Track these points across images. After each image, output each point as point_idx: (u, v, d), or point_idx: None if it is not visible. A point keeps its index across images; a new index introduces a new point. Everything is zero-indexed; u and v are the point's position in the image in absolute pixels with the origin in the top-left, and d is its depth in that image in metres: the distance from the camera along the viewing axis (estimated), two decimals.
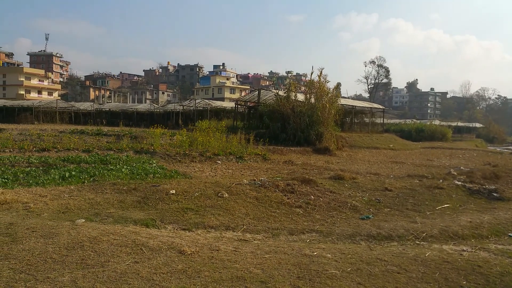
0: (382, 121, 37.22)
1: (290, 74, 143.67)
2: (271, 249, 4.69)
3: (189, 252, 4.26)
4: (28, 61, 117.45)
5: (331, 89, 23.16)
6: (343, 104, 26.19)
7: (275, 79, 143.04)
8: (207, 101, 44.34)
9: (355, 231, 5.98)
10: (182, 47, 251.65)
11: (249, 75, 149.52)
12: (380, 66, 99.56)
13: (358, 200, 7.86)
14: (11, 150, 13.36)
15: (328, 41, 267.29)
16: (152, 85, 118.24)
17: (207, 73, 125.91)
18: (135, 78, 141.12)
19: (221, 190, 7.39)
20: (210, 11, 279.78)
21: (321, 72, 21.97)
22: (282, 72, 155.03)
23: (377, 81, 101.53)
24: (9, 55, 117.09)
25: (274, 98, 23.73)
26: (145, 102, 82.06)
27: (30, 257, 3.82)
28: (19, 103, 46.09)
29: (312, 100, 21.33)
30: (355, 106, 32.60)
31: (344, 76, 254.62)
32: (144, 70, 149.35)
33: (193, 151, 14.21)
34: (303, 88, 29.51)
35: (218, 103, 44.44)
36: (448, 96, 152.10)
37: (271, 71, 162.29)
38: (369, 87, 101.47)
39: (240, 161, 13.50)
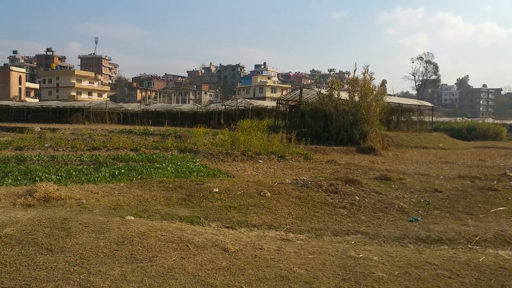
0: (430, 119, 35.63)
1: (333, 72, 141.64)
2: (315, 249, 4.64)
3: (232, 250, 4.31)
4: (79, 64, 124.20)
5: (376, 87, 22.52)
6: (388, 102, 25.36)
7: (317, 78, 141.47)
8: (248, 100, 44.67)
9: (403, 234, 5.77)
10: (224, 48, 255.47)
11: (290, 74, 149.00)
12: (428, 62, 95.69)
13: (406, 202, 7.59)
14: (64, 149, 14.17)
15: (372, 37, 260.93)
16: (195, 86, 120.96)
17: (249, 72, 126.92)
18: (179, 79, 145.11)
19: (264, 189, 7.40)
20: (251, 10, 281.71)
21: (367, 69, 21.41)
22: (324, 70, 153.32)
23: (425, 77, 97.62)
24: (62, 58, 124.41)
25: (316, 97, 23.45)
26: (189, 102, 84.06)
27: (83, 251, 4.02)
28: (71, 104, 48.73)
29: (356, 98, 20.85)
30: (402, 104, 31.48)
31: (390, 73, 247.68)
32: (187, 71, 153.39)
33: (235, 150, 14.36)
34: (346, 86, 28.87)
35: (259, 103, 44.62)
36: (502, 92, 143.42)
37: (313, 69, 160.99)
38: (416, 84, 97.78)
39: (282, 160, 13.47)
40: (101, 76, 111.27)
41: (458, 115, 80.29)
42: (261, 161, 13.13)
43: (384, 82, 25.29)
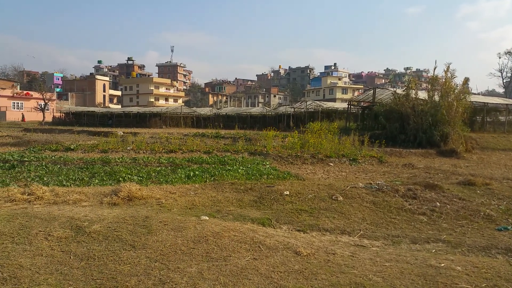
0: None
1: (409, 71, 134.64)
2: (392, 257, 4.41)
3: (305, 254, 4.26)
4: (157, 72, 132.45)
5: (458, 85, 20.89)
6: (472, 101, 23.39)
7: (392, 77, 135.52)
8: (318, 102, 44.10)
9: (490, 243, 5.27)
10: (292, 50, 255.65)
11: (362, 74, 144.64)
12: None
13: (493, 209, 6.93)
14: (144, 151, 15.16)
15: (452, 32, 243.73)
16: (264, 89, 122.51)
17: (318, 74, 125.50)
18: (249, 83, 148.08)
19: (335, 192, 7.23)
20: (320, 11, 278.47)
21: (448, 67, 19.93)
22: (400, 69, 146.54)
23: None
24: (141, 67, 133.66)
25: (391, 97, 22.42)
26: (258, 106, 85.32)
27: (163, 248, 4.24)
28: (149, 109, 51.93)
29: (436, 97, 19.53)
30: (487, 103, 28.84)
31: (473, 70, 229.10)
32: (256, 75, 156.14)
33: (305, 153, 14.24)
34: (424, 85, 27.20)
35: (330, 104, 43.85)
36: None
37: (387, 68, 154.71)
38: (504, 81, 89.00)
39: (354, 163, 13.06)
40: (176, 82, 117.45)
41: None
42: (331, 164, 12.86)
43: (466, 80, 23.28)
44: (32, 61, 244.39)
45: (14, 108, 62.79)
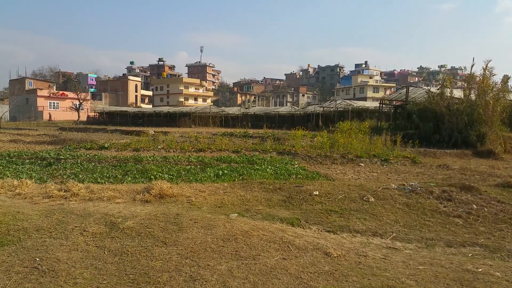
0: None
1: (444, 68, 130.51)
2: (426, 260, 4.28)
3: (335, 255, 4.20)
4: (186, 72, 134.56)
5: (497, 83, 20.01)
6: None
7: (425, 75, 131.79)
8: (348, 101, 43.46)
9: None
10: (322, 49, 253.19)
11: (394, 72, 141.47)
12: None
13: None
14: (174, 150, 15.43)
15: (490, 28, 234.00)
16: (292, 88, 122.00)
17: (348, 72, 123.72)
18: (277, 82, 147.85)
19: (366, 193, 7.09)
20: (350, 8, 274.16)
21: (487, 64, 19.10)
22: (434, 67, 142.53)
23: None
24: (172, 67, 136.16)
25: (424, 96, 21.76)
26: (286, 105, 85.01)
27: (193, 245, 4.29)
28: (179, 109, 52.84)
29: (473, 96, 18.80)
30: None
31: None
32: (285, 74, 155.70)
33: (334, 152, 14.05)
34: (459, 83, 26.23)
35: (360, 103, 43.09)
36: None
37: (420, 66, 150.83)
38: None
39: (386, 164, 12.77)
40: (205, 82, 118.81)
41: None
42: (362, 164, 12.63)
43: (507, 78, 22.25)
44: (67, 62, 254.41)
45: (51, 108, 65.49)
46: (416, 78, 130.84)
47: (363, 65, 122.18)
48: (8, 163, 11.49)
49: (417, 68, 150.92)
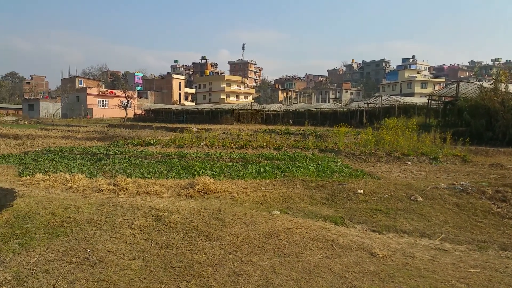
0: None
1: (498, 62, 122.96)
2: (478, 263, 4.07)
3: (380, 255, 4.09)
4: (228, 70, 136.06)
5: None
6: None
7: (477, 69, 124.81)
8: (394, 97, 41.98)
9: None
10: (366, 43, 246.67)
11: (444, 66, 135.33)
12: None
13: None
14: (217, 147, 15.66)
15: None
16: (335, 84, 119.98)
17: (395, 67, 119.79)
18: (319, 78, 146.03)
19: (414, 193, 6.82)
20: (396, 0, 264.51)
21: None
22: (487, 61, 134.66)
23: None
24: (214, 65, 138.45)
25: (476, 91, 20.61)
26: (329, 102, 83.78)
27: (236, 241, 4.33)
28: (221, 106, 53.64)
29: None
30: None
31: None
32: (328, 70, 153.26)
33: (379, 150, 13.65)
34: None
35: (407, 99, 41.46)
36: None
37: (471, 60, 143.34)
38: None
39: (434, 162, 12.22)
40: (247, 79, 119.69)
41: None
42: (409, 162, 12.18)
43: None
44: (115, 62, 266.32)
45: (100, 106, 68.65)
46: (467, 73, 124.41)
47: (411, 60, 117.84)
48: (61, 158, 12.18)
49: (468, 62, 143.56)
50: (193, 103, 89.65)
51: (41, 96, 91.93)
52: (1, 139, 21.18)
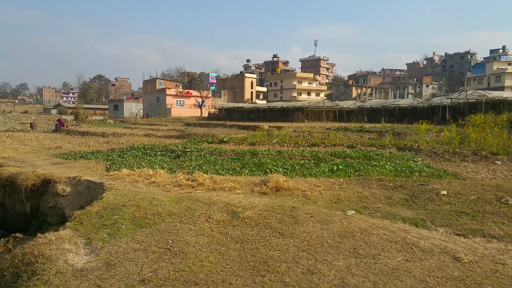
0: None
1: None
2: None
3: (466, 260, 3.81)
4: (300, 67, 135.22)
5: None
6: None
7: None
8: (481, 92, 38.48)
9: None
10: (447, 34, 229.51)
11: None
12: None
13: None
14: (288, 145, 15.66)
15: None
16: (415, 79, 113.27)
17: (481, 59, 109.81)
18: (397, 72, 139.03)
19: (505, 195, 6.22)
20: None
21: None
22: None
23: None
24: (285, 63, 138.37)
25: None
26: (407, 97, 79.39)
27: (309, 239, 4.31)
28: (292, 104, 53.45)
29: None
30: None
31: None
32: (406, 64, 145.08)
33: (464, 149, 12.64)
34: None
35: (496, 94, 37.76)
36: None
37: None
38: None
39: None
40: (319, 76, 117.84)
41: None
42: (498, 162, 11.11)
43: None
44: (191, 63, 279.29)
45: (177, 105, 72.38)
46: None
47: (501, 51, 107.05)
48: (144, 154, 13.10)
49: None
50: (265, 102, 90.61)
51: (125, 97, 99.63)
52: (90, 137, 23.36)
